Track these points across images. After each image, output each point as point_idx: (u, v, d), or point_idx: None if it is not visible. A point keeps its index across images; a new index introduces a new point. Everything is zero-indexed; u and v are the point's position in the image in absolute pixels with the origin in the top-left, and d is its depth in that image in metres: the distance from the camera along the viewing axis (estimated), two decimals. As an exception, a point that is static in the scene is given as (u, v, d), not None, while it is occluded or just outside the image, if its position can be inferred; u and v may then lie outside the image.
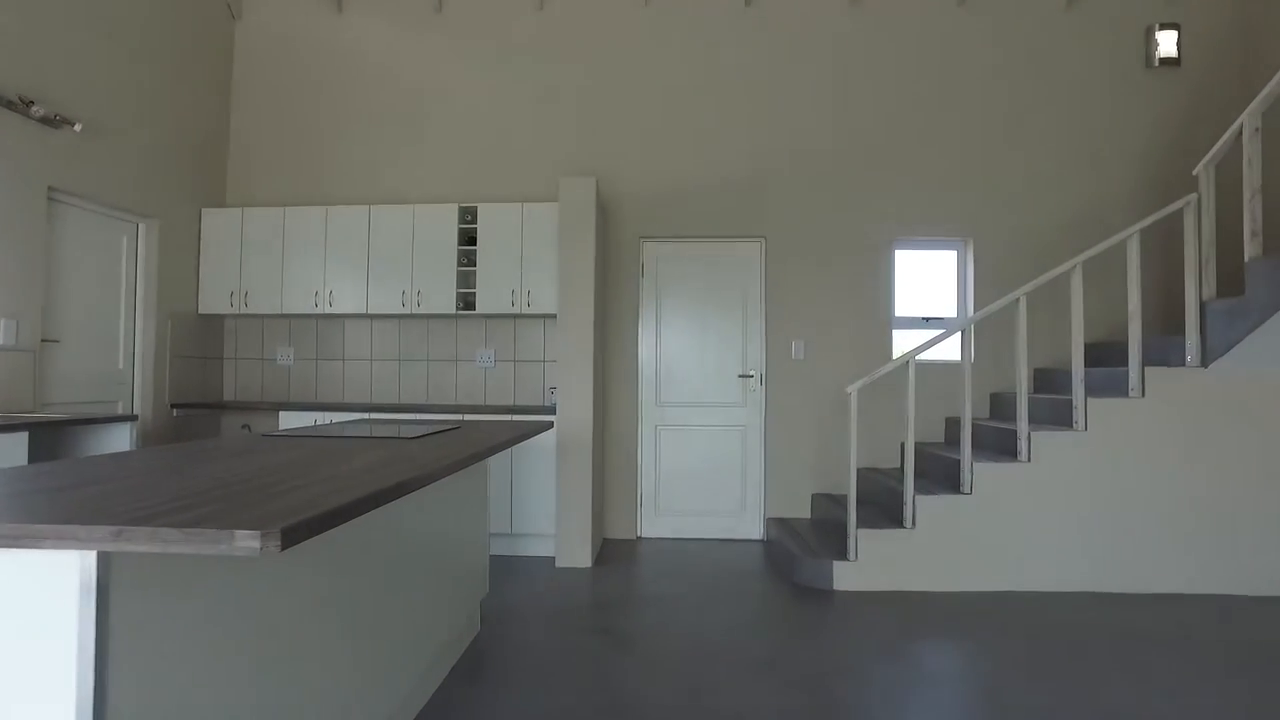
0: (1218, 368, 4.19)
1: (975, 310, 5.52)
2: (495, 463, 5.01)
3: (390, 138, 5.82)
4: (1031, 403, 4.80)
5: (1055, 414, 4.56)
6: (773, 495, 5.56)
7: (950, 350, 5.50)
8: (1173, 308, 5.36)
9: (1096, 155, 5.54)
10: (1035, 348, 5.50)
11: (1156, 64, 5.56)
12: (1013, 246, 5.52)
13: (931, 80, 5.61)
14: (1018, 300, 4.30)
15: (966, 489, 4.24)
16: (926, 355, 5.09)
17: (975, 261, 5.55)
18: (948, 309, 5.69)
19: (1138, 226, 4.32)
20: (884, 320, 5.56)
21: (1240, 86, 5.52)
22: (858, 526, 4.25)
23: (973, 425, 5.04)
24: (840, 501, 5.16)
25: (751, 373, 5.62)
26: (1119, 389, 4.43)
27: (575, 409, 4.79)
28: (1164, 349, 4.41)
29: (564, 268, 4.83)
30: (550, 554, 4.95)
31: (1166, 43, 5.55)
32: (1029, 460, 4.25)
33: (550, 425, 3.67)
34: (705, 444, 5.65)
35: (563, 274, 4.84)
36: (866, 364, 5.48)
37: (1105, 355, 5.15)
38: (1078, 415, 4.27)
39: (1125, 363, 4.68)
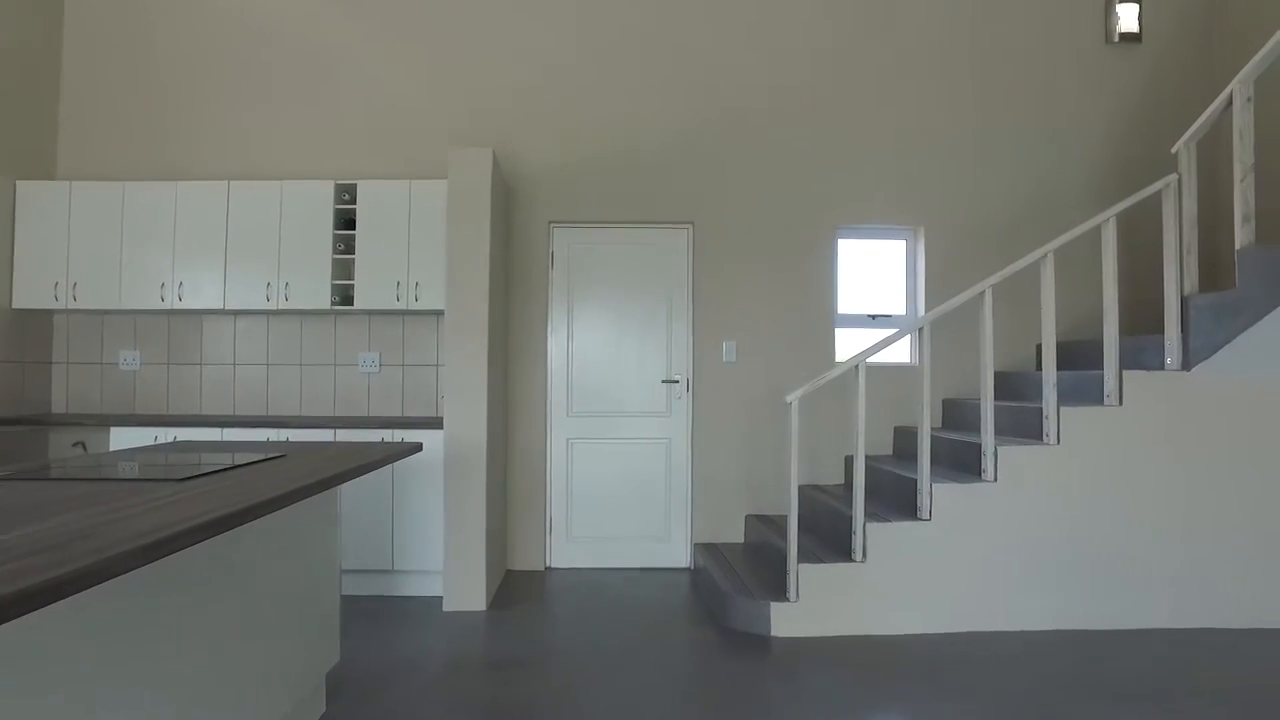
0: (1202, 371, 3.67)
1: (927, 307, 4.94)
2: (374, 486, 4.21)
3: (255, 101, 4.94)
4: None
5: (1019, 424, 3.99)
6: (701, 517, 4.88)
7: (898, 352, 4.92)
8: (1138, 304, 4.87)
9: (1055, 137, 5.03)
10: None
11: (1116, 39, 5.08)
12: (966, 237, 4.97)
13: (878, 55, 5.01)
14: (982, 294, 3.71)
15: (925, 514, 3.62)
16: (872, 357, 4.51)
17: (926, 253, 4.98)
18: (896, 306, 5.11)
19: (1114, 210, 3.78)
20: (826, 318, 4.94)
21: (1204, 62, 5.08)
22: (799, 560, 3.60)
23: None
24: (776, 524, 4.51)
25: (677, 378, 4.94)
26: (1091, 396, 3.88)
27: (466, 422, 4.02)
28: (1136, 350, 3.89)
29: (453, 254, 4.06)
30: (439, 593, 4.16)
31: (1127, 17, 5.07)
32: (995, 479, 3.66)
33: (418, 448, 2.91)
34: (624, 459, 4.93)
35: (452, 262, 4.06)
36: (807, 367, 4.86)
37: (1069, 356, 4.62)
38: (1049, 426, 3.70)
39: (1094, 365, 4.15)
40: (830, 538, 4.03)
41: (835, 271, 4.95)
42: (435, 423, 4.22)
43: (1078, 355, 4.52)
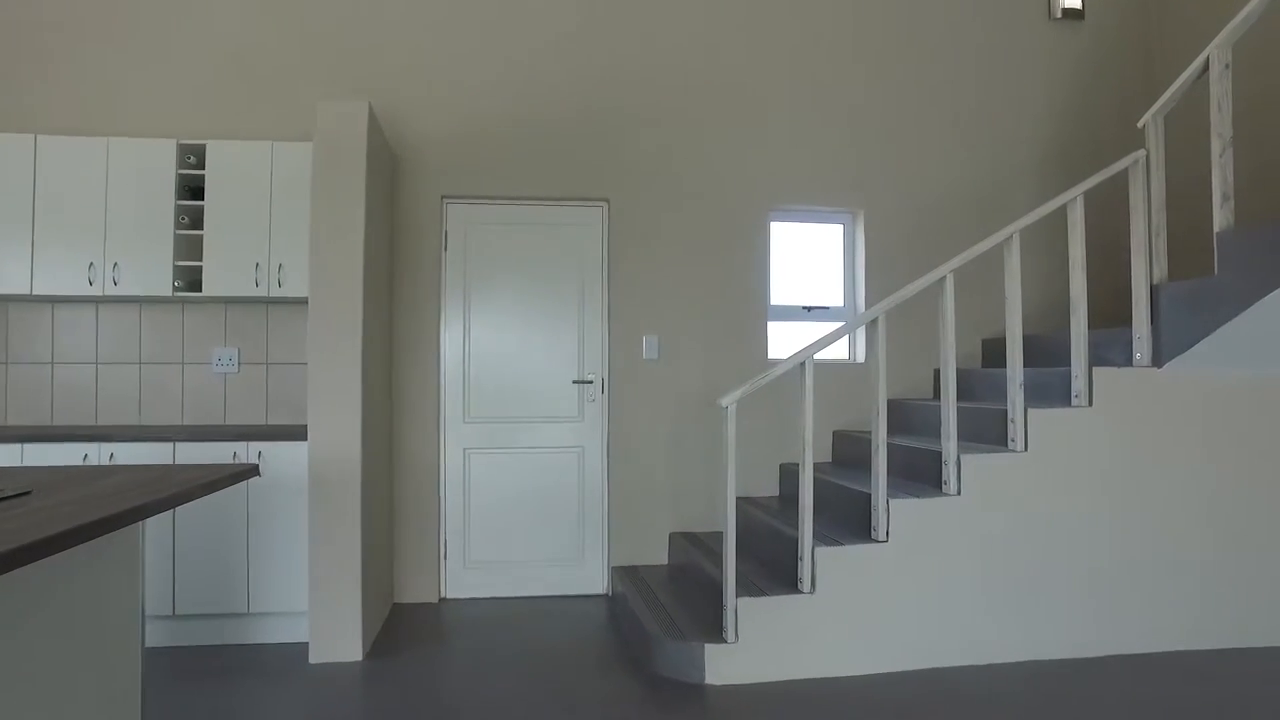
0: (1176, 367, 3.32)
1: (867, 297, 4.49)
2: (223, 511, 3.44)
3: (74, 38, 4.07)
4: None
5: (976, 428, 3.57)
6: (619, 536, 4.28)
7: (835, 348, 4.45)
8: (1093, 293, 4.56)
9: (997, 118, 4.66)
10: (934, 344, 4.54)
11: (1059, 15, 4.76)
12: (908, 221, 4.54)
13: (815, 27, 4.52)
14: (941, 280, 3.25)
15: (880, 534, 3.13)
16: (783, 354, 4.05)
17: (867, 238, 4.52)
18: (833, 297, 4.64)
19: (1081, 187, 3.38)
20: (758, 310, 4.42)
21: (1147, 39, 4.81)
22: (737, 593, 3.05)
23: (866, 442, 3.99)
24: (705, 544, 3.97)
25: (591, 377, 4.33)
26: (1054, 396, 3.48)
27: (335, 431, 3.31)
28: (1097, 345, 3.51)
29: (320, 228, 3.34)
30: (306, 639, 3.43)
31: (1070, -9, 4.76)
32: (958, 492, 3.20)
33: (253, 472, 2.21)
34: (530, 471, 4.29)
35: (317, 237, 3.34)
36: (737, 365, 4.33)
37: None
38: (1015, 431, 3.27)
39: (1047, 362, 3.77)
40: (769, 562, 3.51)
41: (768, 258, 4.45)
42: (304, 432, 3.48)
43: (1029, 352, 4.16)
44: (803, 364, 3.10)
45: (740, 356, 4.36)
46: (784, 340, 4.51)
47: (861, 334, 4.45)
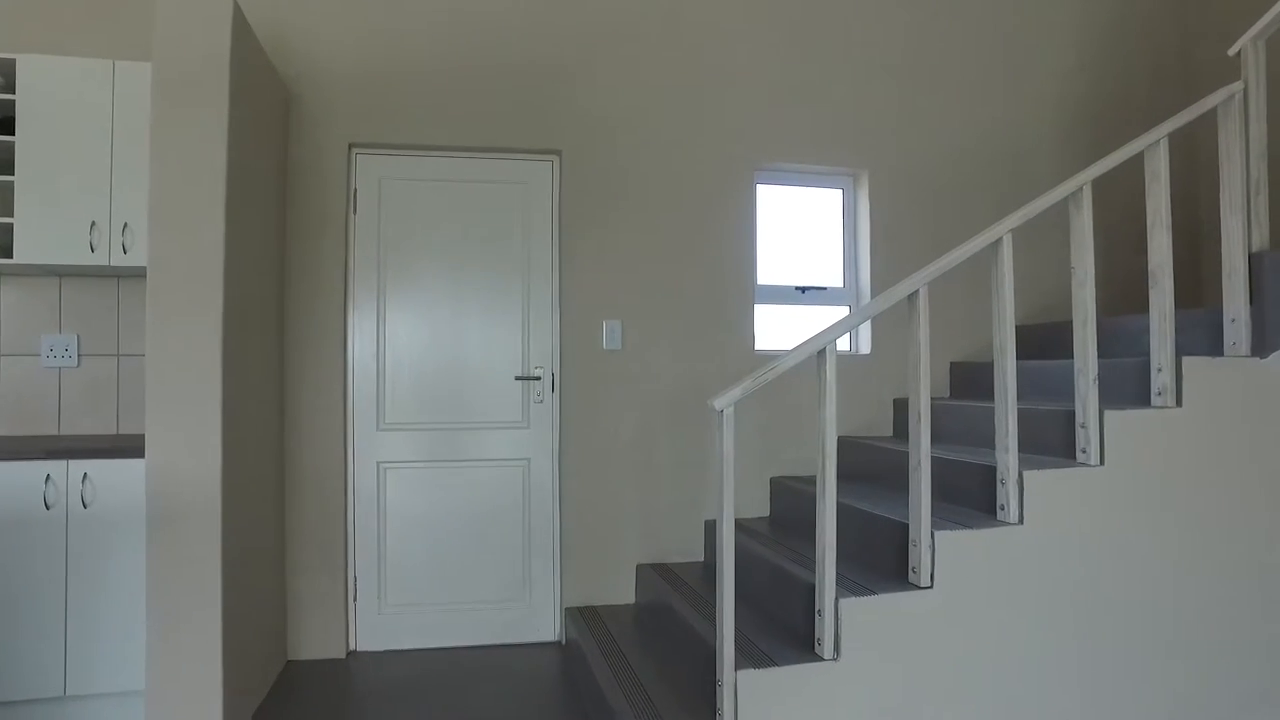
0: (1285, 358, 2.61)
1: (873, 274, 3.73)
2: (32, 562, 2.53)
3: None
4: (994, 416, 3.09)
5: (1029, 435, 2.82)
6: (575, 570, 3.45)
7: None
8: (1117, 277, 3.88)
9: (1019, 72, 3.95)
10: (946, 335, 3.82)
11: (1088, -51, 4.07)
12: (917, 186, 3.80)
13: (805, -65, 3.76)
14: (999, 242, 2.48)
15: (922, 578, 2.35)
16: (771, 348, 3.33)
17: (871, 206, 3.76)
18: (830, 275, 3.87)
19: (1166, 128, 2.64)
20: (743, 290, 3.64)
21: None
22: (737, 662, 2.24)
23: (877, 450, 3.23)
24: (680, 579, 3.17)
25: (538, 372, 3.50)
26: (1125, 394, 2.76)
27: (183, 444, 2.42)
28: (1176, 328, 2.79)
29: (161, 174, 2.44)
30: (151, 726, 2.53)
31: (1100, -80, 4.07)
32: (1019, 521, 2.44)
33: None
34: (463, 490, 3.44)
35: (157, 187, 2.44)
36: (719, 357, 3.55)
37: (1039, 343, 3.56)
38: (1088, 439, 2.53)
39: (1070, 354, 3.05)
40: (769, 608, 2.71)
41: (754, 227, 3.66)
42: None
43: (1051, 342, 3.46)
44: (821, 352, 2.31)
45: (722, 346, 3.57)
46: (774, 326, 3.74)
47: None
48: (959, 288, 3.76)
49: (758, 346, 3.66)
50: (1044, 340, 3.58)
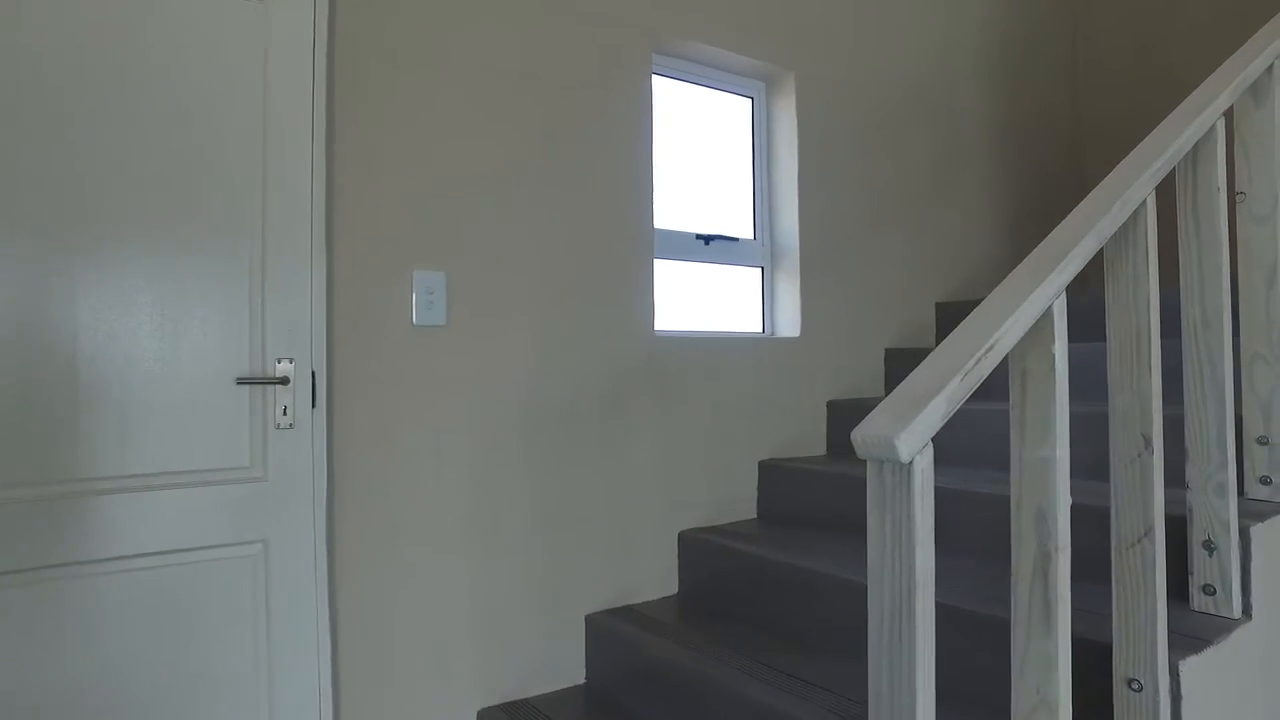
0: None
1: (801, 220, 2.56)
2: None
3: None
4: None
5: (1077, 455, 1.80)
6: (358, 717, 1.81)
7: (732, 318, 2.52)
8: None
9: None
10: (886, 315, 2.79)
11: None
12: (853, 103, 2.73)
13: None
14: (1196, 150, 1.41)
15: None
16: (674, 328, 2.09)
17: (800, 124, 2.59)
18: (741, 224, 2.63)
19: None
20: (635, 236, 2.25)
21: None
22: None
23: (818, 479, 2.05)
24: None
25: (282, 370, 1.80)
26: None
27: None
28: None
29: None
30: None
31: None
32: (1244, 614, 1.38)
33: None
34: (94, 640, 1.63)
35: None
36: (611, 338, 2.14)
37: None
38: (1307, 465, 1.55)
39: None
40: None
41: (650, 137, 2.29)
42: None
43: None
44: (1050, 309, 1.05)
45: (607, 323, 2.16)
46: (671, 291, 2.42)
47: (792, 284, 2.53)
48: (886, 246, 2.75)
49: (657, 326, 2.31)
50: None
